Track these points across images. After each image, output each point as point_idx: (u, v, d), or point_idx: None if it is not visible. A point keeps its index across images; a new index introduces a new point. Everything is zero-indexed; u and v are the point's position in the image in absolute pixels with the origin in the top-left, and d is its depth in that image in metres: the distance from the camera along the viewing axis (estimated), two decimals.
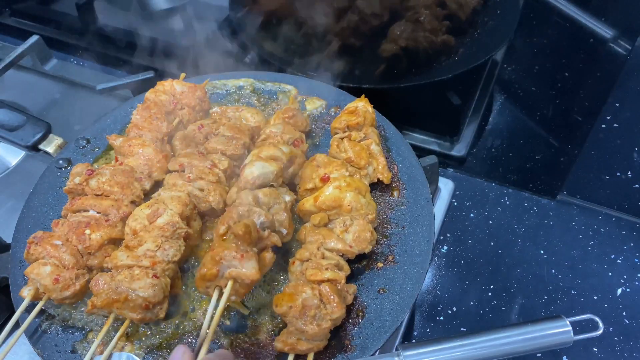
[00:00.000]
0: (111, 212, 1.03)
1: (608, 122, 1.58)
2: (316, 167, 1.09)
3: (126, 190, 1.06)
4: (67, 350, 0.94)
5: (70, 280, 0.95)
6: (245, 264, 0.86)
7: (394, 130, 1.23)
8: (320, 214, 1.02)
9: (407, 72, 1.56)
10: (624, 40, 1.74)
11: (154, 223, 0.99)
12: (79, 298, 0.97)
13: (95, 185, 1.06)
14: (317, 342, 0.88)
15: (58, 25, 1.89)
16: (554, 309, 1.20)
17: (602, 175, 1.47)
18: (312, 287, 0.90)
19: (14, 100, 1.64)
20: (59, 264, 0.96)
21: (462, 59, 1.58)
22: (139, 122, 1.18)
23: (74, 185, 1.06)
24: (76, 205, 1.04)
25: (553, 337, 0.86)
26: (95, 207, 1.03)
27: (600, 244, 1.31)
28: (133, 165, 1.12)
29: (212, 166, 1.09)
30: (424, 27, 1.56)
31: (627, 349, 1.13)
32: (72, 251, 0.97)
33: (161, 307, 0.92)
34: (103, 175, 1.07)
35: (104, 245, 1.00)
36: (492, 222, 1.36)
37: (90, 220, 1.01)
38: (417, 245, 1.03)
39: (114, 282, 0.91)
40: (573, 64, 1.77)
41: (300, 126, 1.21)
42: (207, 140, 1.18)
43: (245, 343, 0.95)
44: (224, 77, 1.38)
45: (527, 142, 1.57)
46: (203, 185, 1.06)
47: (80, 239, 0.98)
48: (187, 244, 1.00)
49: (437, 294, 1.24)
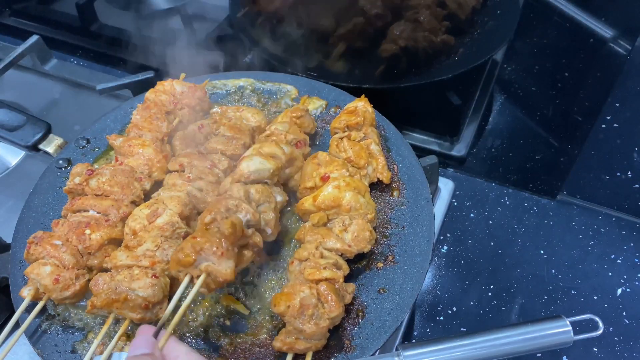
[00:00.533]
0: (111, 212, 1.03)
1: (608, 122, 1.58)
2: (317, 165, 1.09)
3: (126, 190, 1.06)
4: (67, 350, 0.94)
5: (71, 280, 0.95)
6: (223, 262, 0.85)
7: (394, 130, 1.23)
8: (319, 214, 1.02)
9: (407, 72, 1.56)
10: (624, 40, 1.74)
11: (153, 223, 0.98)
12: (79, 298, 0.97)
13: (95, 185, 1.06)
14: (316, 341, 0.88)
15: (58, 25, 1.89)
16: (554, 309, 1.20)
17: (602, 175, 1.47)
18: (310, 287, 0.90)
19: (14, 100, 1.64)
20: (59, 264, 0.96)
21: (462, 59, 1.58)
22: (139, 122, 1.18)
23: (74, 185, 1.06)
24: (76, 205, 1.04)
25: (553, 337, 0.86)
26: (96, 207, 1.03)
27: (600, 244, 1.31)
28: (133, 165, 1.11)
29: (212, 166, 1.09)
30: (423, 27, 1.56)
31: (627, 349, 1.13)
32: (72, 251, 0.97)
33: (161, 307, 0.92)
34: (103, 175, 1.07)
35: (104, 245, 1.00)
36: (492, 222, 1.36)
37: (90, 220, 1.01)
38: (417, 245, 1.03)
39: (114, 282, 0.91)
40: (573, 64, 1.76)
41: (307, 127, 1.21)
42: (207, 140, 1.18)
43: (245, 343, 0.95)
44: (224, 77, 1.38)
45: (527, 142, 1.57)
46: (202, 185, 1.06)
47: (81, 239, 0.98)
48: None
49: (437, 294, 1.24)
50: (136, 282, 0.90)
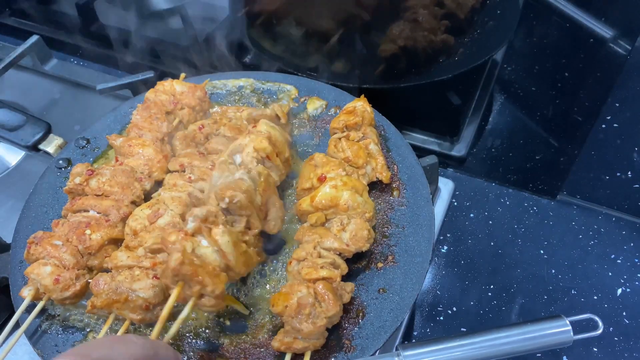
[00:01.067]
0: (111, 212, 1.03)
1: (608, 122, 1.58)
2: (314, 167, 1.09)
3: (126, 190, 1.06)
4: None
5: (71, 281, 0.95)
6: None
7: (394, 130, 1.23)
8: (317, 214, 1.02)
9: (407, 72, 1.55)
10: (624, 40, 1.74)
11: (154, 223, 0.99)
12: (79, 298, 0.98)
13: (96, 186, 1.06)
14: (314, 340, 0.88)
15: (58, 25, 1.89)
16: (554, 309, 1.20)
17: (602, 175, 1.47)
18: (308, 286, 0.91)
19: (14, 100, 1.64)
20: (59, 264, 0.96)
21: (462, 59, 1.57)
22: (139, 122, 1.18)
23: (74, 185, 1.07)
24: (76, 206, 1.04)
25: (553, 336, 0.86)
26: (96, 207, 1.04)
27: (600, 244, 1.31)
28: (133, 165, 1.12)
29: (212, 167, 1.09)
30: (422, 27, 1.56)
31: (627, 349, 1.13)
32: (72, 251, 0.97)
33: (161, 308, 0.92)
34: (103, 175, 1.07)
35: (105, 246, 1.00)
36: (492, 222, 1.36)
37: (91, 220, 1.01)
38: (417, 245, 1.03)
39: (114, 283, 0.91)
40: (573, 64, 1.76)
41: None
42: (207, 140, 1.18)
43: (245, 343, 0.95)
44: (224, 77, 1.39)
45: (527, 142, 1.57)
46: (204, 186, 1.06)
47: (81, 239, 0.98)
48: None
49: (437, 294, 1.24)
50: (137, 282, 0.90)
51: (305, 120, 1.29)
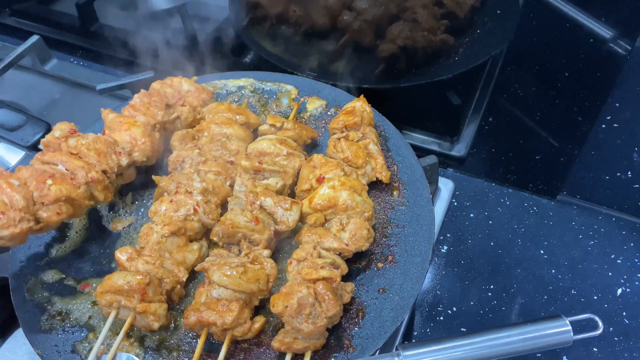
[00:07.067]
0: (79, 173, 1.02)
1: (608, 122, 1.58)
2: (313, 168, 1.09)
3: (102, 158, 1.06)
4: (67, 350, 0.94)
5: (13, 221, 0.92)
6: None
7: (394, 130, 1.23)
8: (316, 214, 1.02)
9: (407, 72, 1.55)
10: (624, 40, 1.74)
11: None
12: (15, 242, 0.95)
13: (74, 144, 1.05)
14: (314, 340, 0.88)
15: (58, 25, 1.89)
16: (554, 309, 1.20)
17: (602, 175, 1.47)
18: (308, 286, 0.90)
19: (14, 100, 1.64)
20: (7, 203, 0.93)
21: (462, 59, 1.58)
22: (137, 104, 1.18)
23: (53, 138, 1.06)
24: (47, 157, 1.03)
25: (553, 336, 0.86)
26: (66, 164, 1.02)
27: (600, 244, 1.31)
28: (117, 139, 1.11)
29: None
30: (421, 27, 1.56)
31: (627, 349, 1.13)
32: (26, 194, 0.95)
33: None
34: (84, 138, 1.07)
35: (60, 202, 0.98)
36: (492, 222, 1.36)
37: (56, 173, 0.99)
38: (417, 245, 1.03)
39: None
40: (573, 64, 1.76)
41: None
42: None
43: (245, 343, 0.95)
44: (224, 77, 1.39)
45: (527, 142, 1.57)
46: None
47: (39, 187, 0.96)
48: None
49: (437, 294, 1.24)
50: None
51: (305, 120, 1.29)
